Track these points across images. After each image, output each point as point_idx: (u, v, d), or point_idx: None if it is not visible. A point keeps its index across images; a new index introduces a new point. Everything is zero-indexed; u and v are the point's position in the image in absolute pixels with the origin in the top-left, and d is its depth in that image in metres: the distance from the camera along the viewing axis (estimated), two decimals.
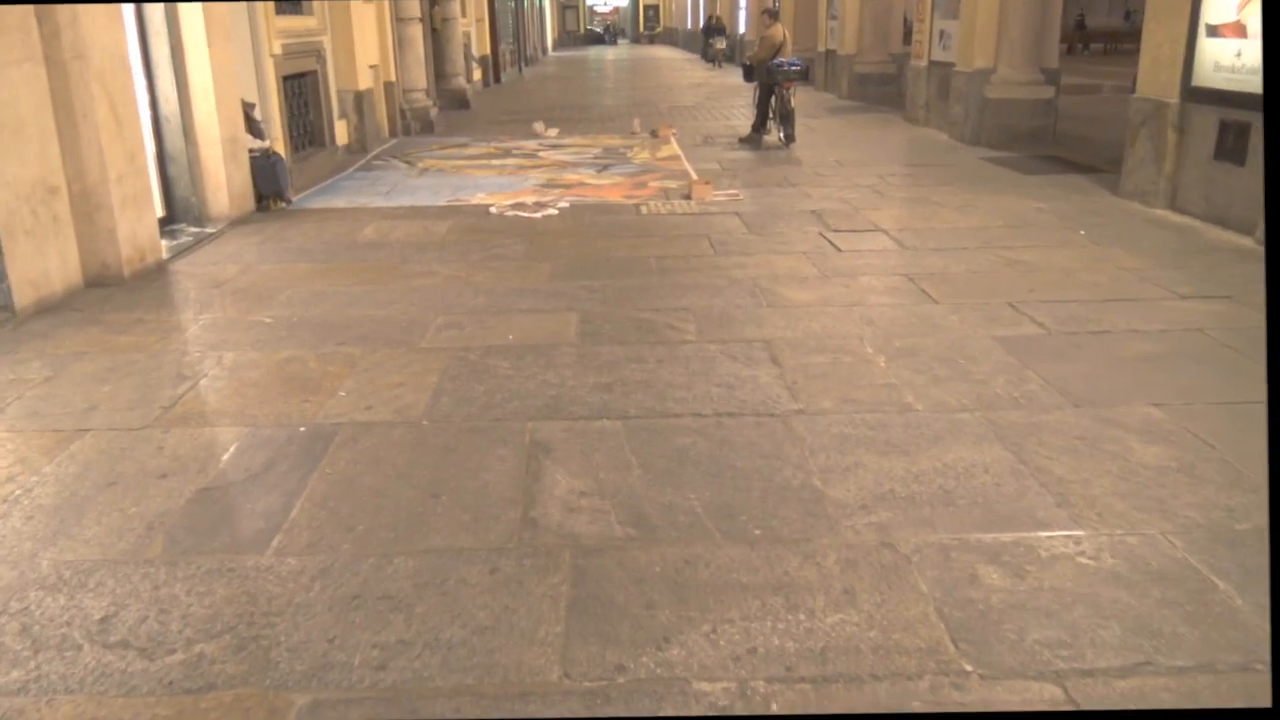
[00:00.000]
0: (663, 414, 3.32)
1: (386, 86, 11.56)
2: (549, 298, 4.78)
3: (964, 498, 2.74)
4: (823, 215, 6.60)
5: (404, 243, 6.08)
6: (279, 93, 8.09)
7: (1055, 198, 7.06)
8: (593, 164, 9.24)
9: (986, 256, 5.41)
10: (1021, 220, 6.33)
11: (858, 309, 4.49)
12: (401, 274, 5.33)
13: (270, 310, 4.65)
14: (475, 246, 5.94)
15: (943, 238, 5.88)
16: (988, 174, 8.21)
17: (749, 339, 4.09)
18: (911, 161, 8.98)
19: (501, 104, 16.34)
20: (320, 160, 9.04)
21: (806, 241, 5.88)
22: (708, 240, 5.96)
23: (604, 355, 3.91)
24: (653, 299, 4.72)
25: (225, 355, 4.02)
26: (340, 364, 3.88)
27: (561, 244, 5.96)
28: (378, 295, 4.88)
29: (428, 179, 8.59)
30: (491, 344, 4.10)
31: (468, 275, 5.27)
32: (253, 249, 5.97)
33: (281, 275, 5.34)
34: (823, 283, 4.95)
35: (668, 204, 7.15)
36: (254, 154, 7.03)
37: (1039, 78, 9.85)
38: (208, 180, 6.53)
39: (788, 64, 9.90)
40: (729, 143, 10.60)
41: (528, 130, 11.83)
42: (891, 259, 5.42)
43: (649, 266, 5.36)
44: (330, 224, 6.69)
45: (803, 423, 3.23)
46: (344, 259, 5.69)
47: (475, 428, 3.24)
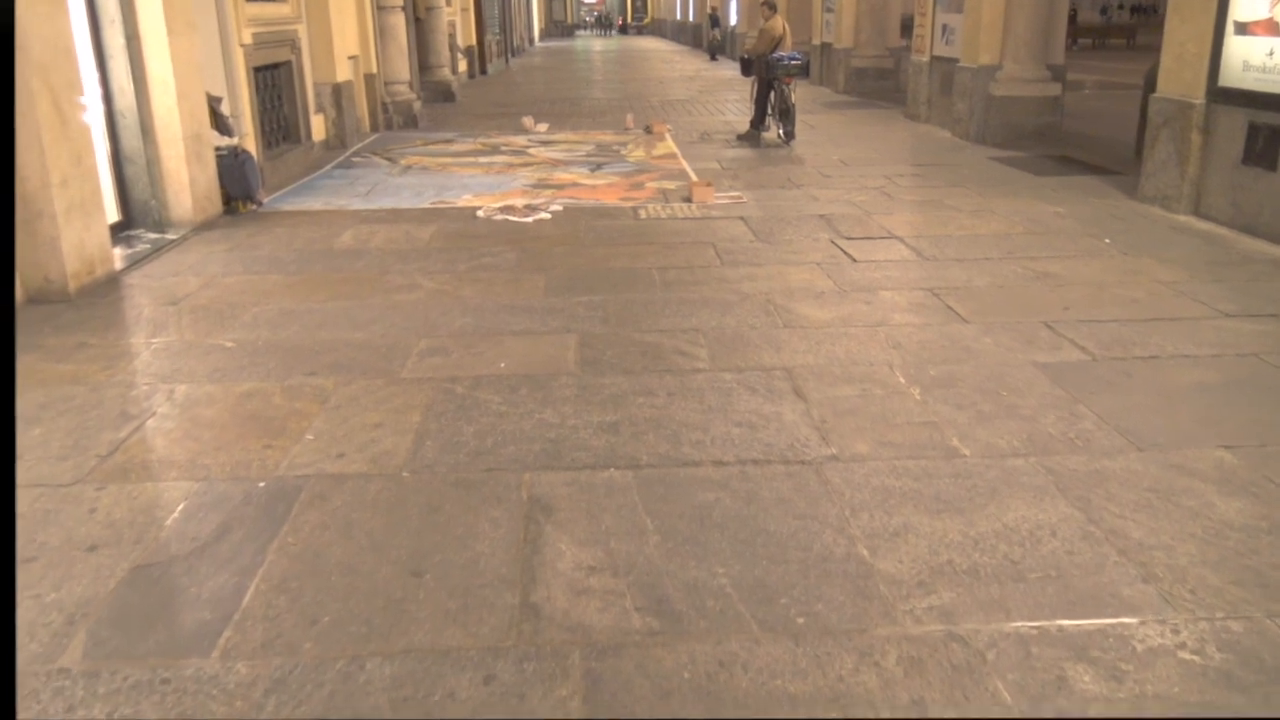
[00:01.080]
0: (678, 461, 2.91)
1: (367, 78, 11.06)
2: (544, 316, 4.35)
3: (1034, 570, 2.35)
4: (832, 220, 6.20)
5: (384, 250, 5.63)
6: (250, 85, 7.60)
7: (1072, 201, 6.69)
8: (585, 162, 8.80)
9: (1011, 268, 5.03)
10: (1041, 226, 5.96)
11: (882, 330, 4.09)
12: (381, 287, 4.88)
13: (233, 332, 4.20)
14: (462, 255, 5.50)
15: (962, 246, 5.49)
16: (998, 175, 7.83)
17: (767, 366, 3.68)
18: (917, 161, 8.59)
19: (488, 97, 15.84)
20: (295, 157, 8.55)
21: (818, 250, 5.47)
22: (713, 249, 5.55)
23: (608, 387, 3.50)
24: (658, 318, 4.31)
25: (178, 388, 3.57)
26: (309, 399, 3.45)
27: (555, 252, 5.53)
28: (354, 313, 4.44)
29: (410, 178, 8.12)
30: (481, 373, 3.67)
31: (454, 289, 4.83)
32: (218, 258, 5.50)
33: (248, 289, 4.89)
34: (841, 298, 4.55)
35: (667, 207, 6.73)
36: (221, 152, 6.55)
37: (1045, 74, 9.49)
38: (169, 182, 6.05)
39: (788, 58, 9.48)
40: (726, 140, 10.18)
41: (516, 125, 11.36)
42: (911, 271, 5.03)
43: (651, 279, 4.94)
44: (304, 229, 6.23)
45: (838, 472, 2.83)
46: (318, 270, 5.24)
47: (464, 480, 2.82)
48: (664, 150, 9.53)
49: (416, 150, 9.68)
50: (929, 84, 11.03)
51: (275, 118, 8.55)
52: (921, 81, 11.18)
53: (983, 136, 9.52)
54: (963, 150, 9.16)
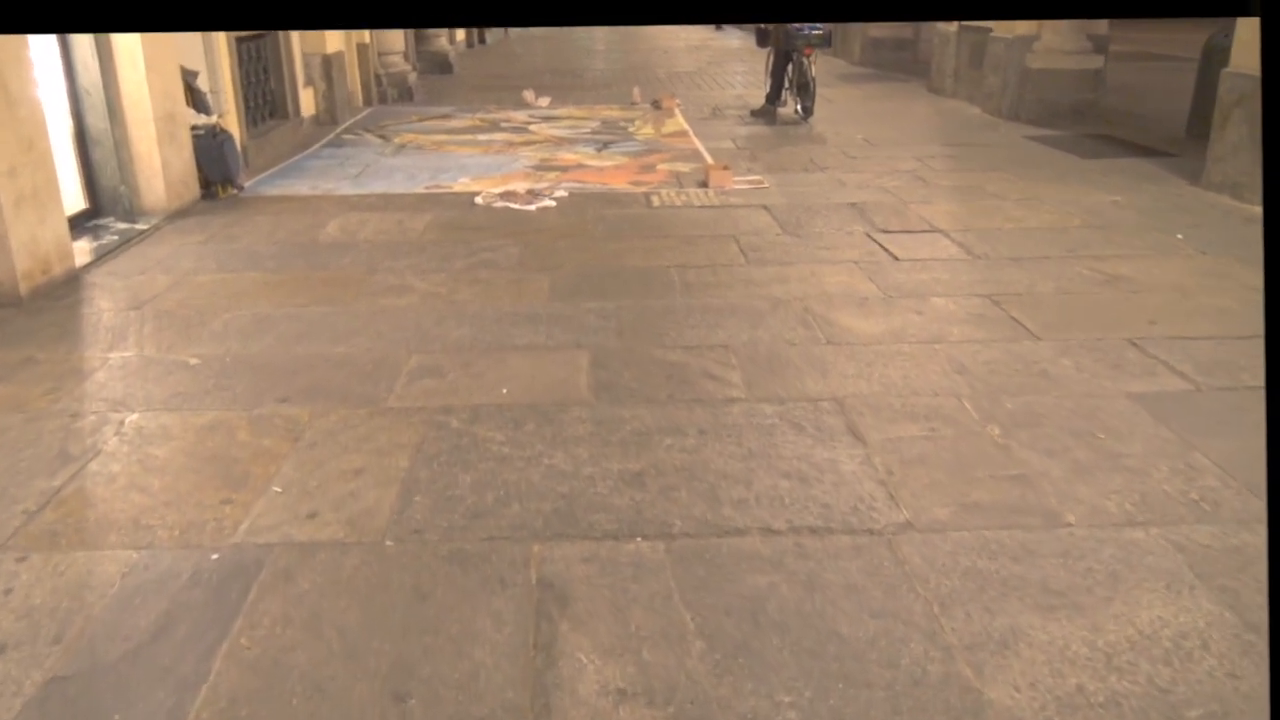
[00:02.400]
0: (719, 529, 2.41)
1: (360, 49, 10.43)
2: (551, 326, 3.83)
3: (1195, 706, 1.84)
4: (865, 210, 5.65)
5: (373, 243, 5.10)
6: (231, 58, 7.02)
7: (1127, 188, 6.13)
8: (591, 140, 8.22)
9: (1076, 269, 4.49)
10: (1100, 218, 5.41)
11: (941, 348, 3.57)
12: (368, 289, 4.36)
13: (199, 344, 3.69)
14: (459, 249, 4.96)
15: (1015, 242, 4.96)
16: (1039, 157, 7.26)
17: (813, 396, 3.17)
18: (949, 140, 8.01)
19: (487, 67, 15.16)
20: (282, 135, 7.98)
21: (854, 246, 4.94)
22: (735, 243, 5.01)
23: (628, 422, 2.99)
24: (681, 329, 3.79)
25: (130, 419, 3.07)
26: (279, 435, 2.94)
27: (561, 247, 5.00)
28: (337, 321, 3.92)
29: (404, 158, 7.56)
30: (480, 401, 3.16)
31: (449, 292, 4.30)
32: (190, 252, 4.97)
33: (221, 290, 4.36)
34: (887, 307, 4.03)
35: (682, 193, 6.18)
36: (198, 132, 5.99)
37: (1087, 45, 8.87)
38: (139, 166, 5.50)
39: (808, 27, 8.86)
40: (740, 116, 9.57)
41: (517, 99, 10.74)
42: (962, 272, 4.50)
43: (670, 280, 4.41)
44: (288, 217, 5.69)
45: (916, 547, 2.33)
46: (300, 267, 4.71)
47: (459, 553, 2.33)
48: (674, 127, 8.94)
49: (411, 126, 9.09)
50: (956, 56, 10.40)
51: (260, 92, 7.96)
52: (948, 53, 10.54)
53: (1016, 113, 8.92)
54: (996, 128, 8.56)
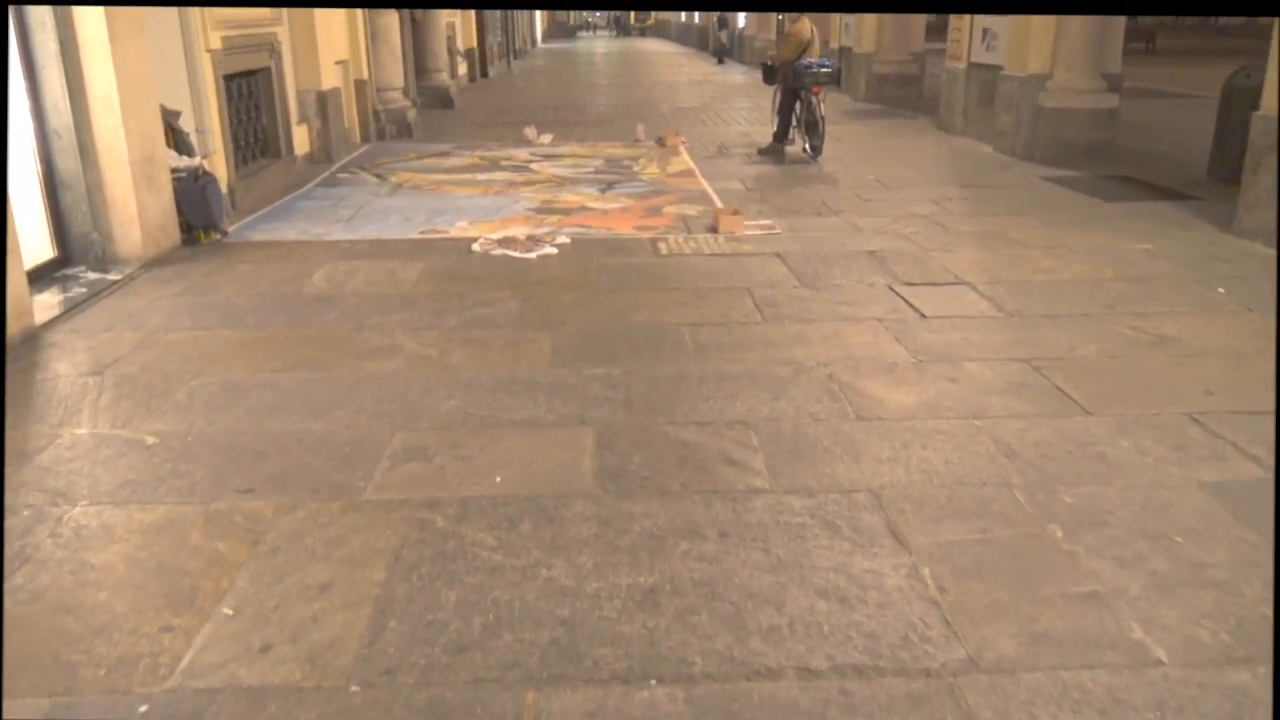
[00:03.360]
0: (747, 668, 2.04)
1: (357, 85, 10.19)
2: (552, 397, 3.48)
3: None
4: (885, 259, 5.32)
5: (361, 296, 4.76)
6: (219, 96, 6.73)
7: (1156, 235, 5.81)
8: (594, 180, 7.92)
9: (1117, 329, 4.16)
10: (1134, 269, 5.08)
11: (983, 425, 3.22)
12: (353, 350, 4.01)
13: (160, 418, 3.33)
14: (453, 304, 4.63)
15: (1048, 296, 4.62)
16: (1058, 199, 6.96)
17: (847, 486, 2.81)
18: (964, 181, 7.72)
19: (489, 102, 14.96)
20: (273, 174, 7.68)
21: (876, 300, 4.60)
22: (750, 297, 4.68)
23: (638, 521, 2.63)
24: (694, 401, 3.43)
25: (72, 514, 2.71)
26: (237, 537, 2.58)
27: (564, 301, 4.66)
28: (315, 391, 3.57)
29: (400, 198, 7.25)
30: (470, 493, 2.80)
31: (441, 354, 3.96)
32: (164, 306, 4.63)
33: (192, 350, 4.01)
34: (919, 373, 3.68)
35: (690, 239, 5.86)
36: (179, 175, 5.68)
37: (1101, 84, 8.60)
38: (114, 212, 5.17)
39: (816, 65, 8.60)
40: (747, 154, 9.30)
41: (518, 136, 10.48)
42: (995, 331, 4.16)
43: (681, 341, 4.07)
44: (272, 265, 5.36)
45: (983, 694, 1.96)
46: (280, 324, 4.37)
47: (438, 703, 1.95)
48: (679, 166, 8.65)
49: (408, 165, 8.80)
50: (965, 93, 10.15)
51: (251, 130, 7.67)
52: (957, 90, 10.30)
53: (1030, 152, 8.64)
54: (1010, 168, 8.27)
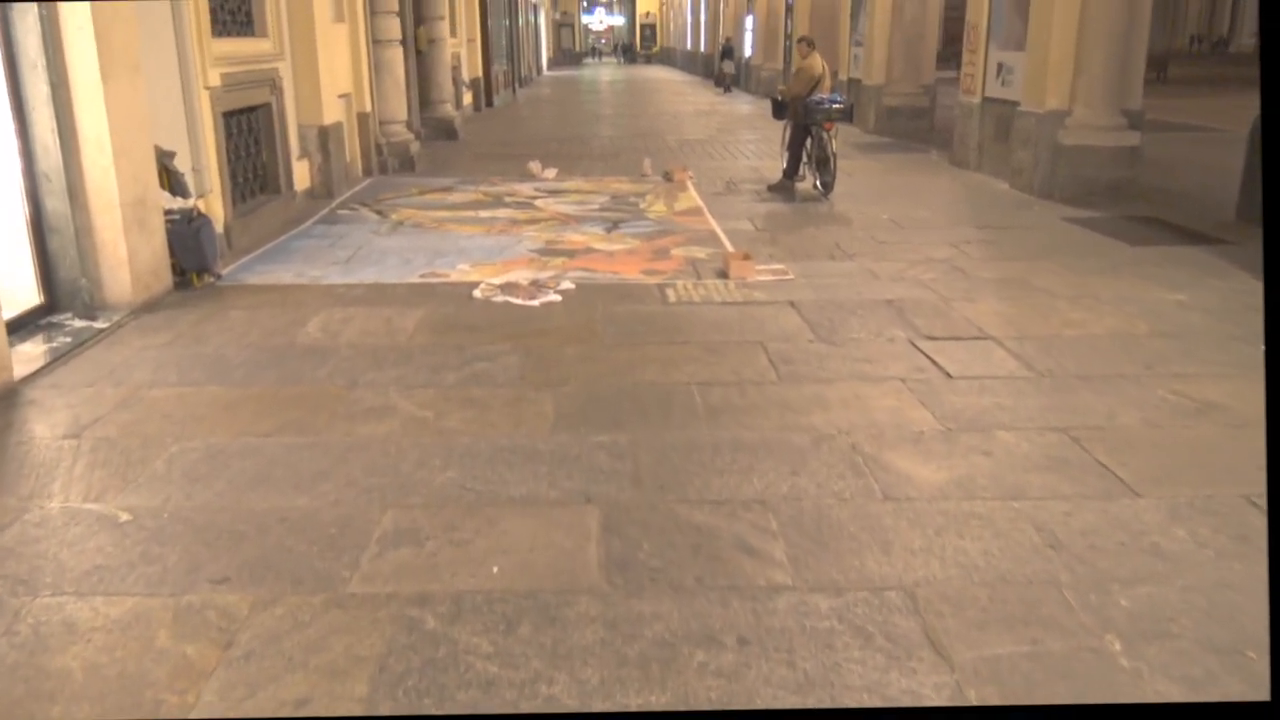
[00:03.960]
0: None
1: (360, 118, 10.05)
2: (554, 468, 3.24)
3: None
4: (903, 309, 5.09)
5: (357, 348, 4.54)
6: (217, 134, 6.56)
7: (1189, 284, 5.57)
8: (600, 219, 7.73)
9: (1157, 393, 3.91)
10: (1167, 323, 4.84)
11: (1022, 508, 2.97)
12: (344, 410, 3.78)
13: (136, 490, 3.10)
14: (451, 357, 4.40)
15: (1080, 354, 4.38)
16: (1082, 242, 6.74)
17: (878, 583, 2.56)
18: (982, 222, 7.50)
19: (493, 133, 14.85)
20: (272, 211, 7.50)
21: (897, 357, 4.37)
22: (764, 352, 4.45)
23: (648, 624, 2.38)
24: (707, 475, 3.19)
25: (31, 607, 2.46)
26: (208, 638, 2.33)
27: (567, 355, 4.43)
28: (303, 459, 3.33)
29: (400, 238, 7.06)
30: (465, 586, 2.56)
31: (437, 416, 3.73)
32: (150, 358, 4.41)
33: (176, 409, 3.79)
34: (948, 444, 3.44)
35: (700, 285, 5.64)
36: (172, 217, 5.49)
37: (1121, 121, 8.42)
38: (103, 256, 4.98)
39: (828, 101, 8.44)
40: (756, 190, 9.11)
41: (522, 169, 10.32)
42: (1028, 395, 3.91)
43: (691, 403, 3.84)
44: (266, 312, 5.14)
45: None
46: (270, 380, 4.14)
47: None
48: (687, 203, 8.46)
49: (410, 201, 8.63)
50: (980, 128, 9.97)
51: (250, 167, 7.51)
52: (971, 125, 10.12)
53: (1049, 191, 8.43)
54: (1029, 208, 8.07)
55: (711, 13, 32.01)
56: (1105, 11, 8.06)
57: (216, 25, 6.83)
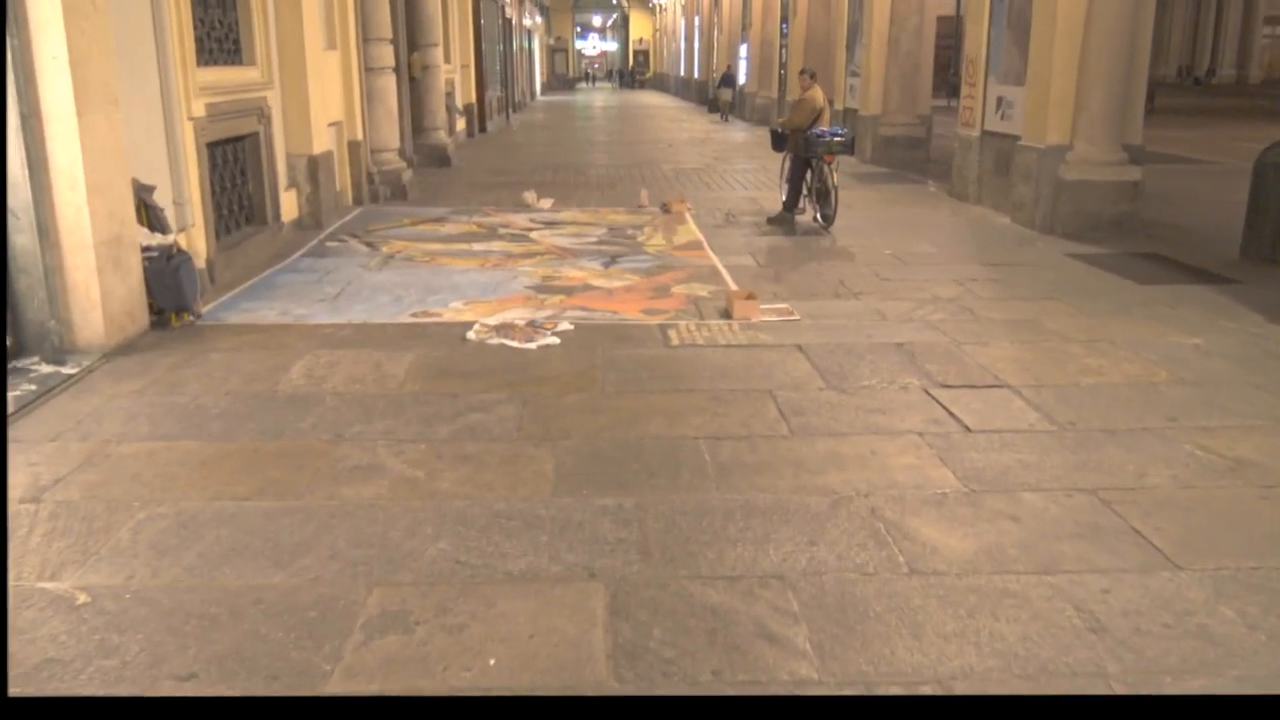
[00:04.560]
0: None
1: (351, 147, 9.88)
2: (555, 538, 3.01)
3: None
4: (915, 354, 4.90)
5: (343, 397, 4.31)
6: (200, 166, 6.34)
7: (1203, 327, 5.40)
8: (597, 253, 7.54)
9: (1185, 449, 3.71)
10: (1187, 370, 4.66)
11: (1058, 583, 2.75)
12: (328, 469, 3.54)
13: (97, 566, 2.85)
14: (444, 407, 4.18)
15: (1101, 405, 4.19)
16: (1089, 281, 6.58)
17: (910, 676, 2.34)
18: (987, 259, 7.34)
19: (487, 160, 14.70)
20: (258, 244, 7.28)
21: (913, 408, 4.16)
22: (773, 401, 4.24)
23: None
24: (720, 545, 2.97)
25: None
26: None
27: (567, 406, 4.21)
28: (282, 528, 3.09)
29: (391, 272, 6.84)
30: (458, 682, 2.32)
31: (428, 476, 3.49)
32: (121, 407, 4.16)
33: (146, 468, 3.54)
34: (974, 508, 3.23)
35: (703, 327, 5.44)
36: (150, 254, 5.26)
37: (1123, 156, 8.32)
38: (74, 297, 4.74)
39: (829, 134, 8.30)
40: (756, 223, 8.95)
41: (516, 199, 10.15)
42: (1051, 451, 3.71)
43: (700, 460, 3.61)
44: (247, 355, 4.91)
45: None
46: (249, 433, 3.90)
47: None
48: (686, 236, 8.29)
49: (402, 232, 8.42)
50: (979, 162, 9.86)
51: (236, 198, 7.29)
52: (970, 159, 10.02)
53: (1051, 226, 8.31)
54: (1032, 244, 7.92)
55: (705, 40, 32.14)
56: (1106, 47, 7.97)
57: (203, 54, 6.65)
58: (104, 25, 4.80)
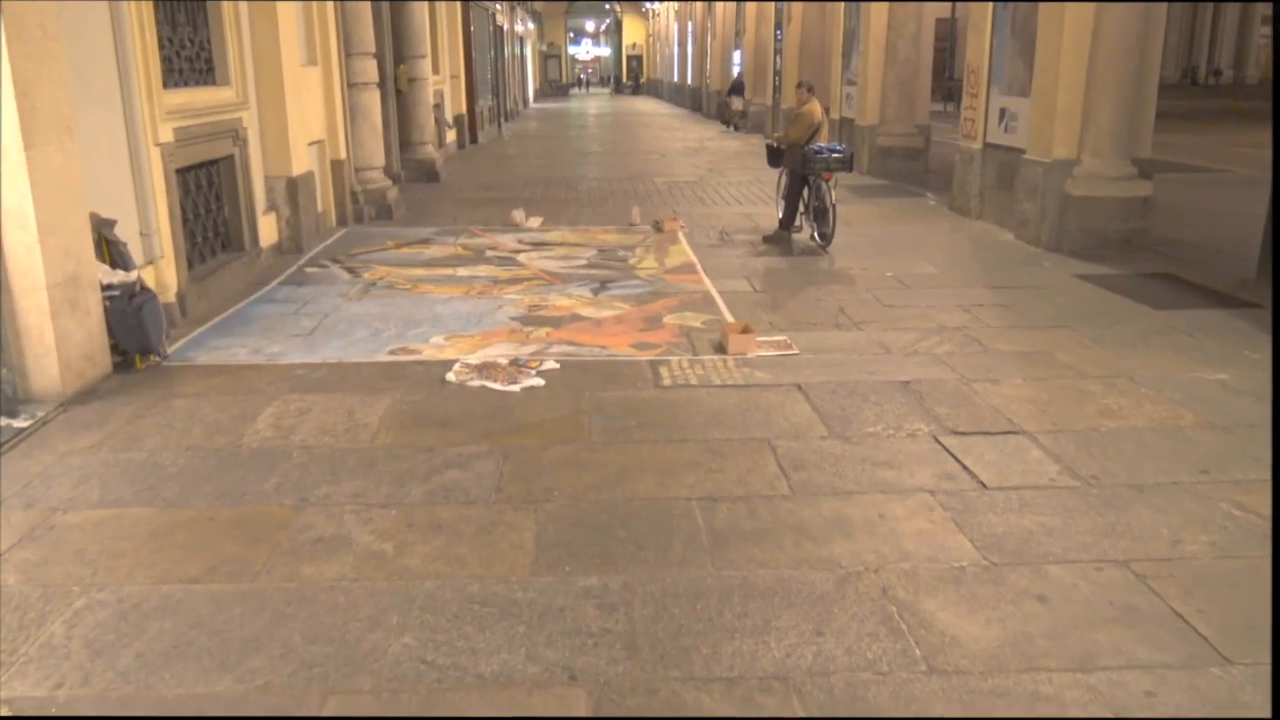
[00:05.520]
0: None
1: (334, 166, 9.58)
2: (533, 630, 2.72)
3: None
4: (922, 395, 4.62)
5: (311, 451, 4.01)
6: (170, 194, 6.04)
7: (1226, 358, 5.12)
8: (586, 277, 7.25)
9: (1221, 507, 3.43)
10: (1215, 411, 4.37)
11: (1097, 683, 2.46)
12: (289, 543, 3.25)
13: (24, 670, 2.55)
14: (419, 464, 3.88)
15: (1124, 454, 3.90)
16: (1101, 306, 6.29)
17: None
18: (992, 281, 7.06)
19: (477, 174, 14.40)
20: (233, 272, 6.98)
21: (922, 459, 3.87)
22: (772, 454, 3.95)
23: None
24: (716, 637, 2.68)
25: None
26: None
27: (550, 460, 3.91)
28: (232, 620, 2.79)
29: (371, 303, 6.54)
30: None
31: (397, 550, 3.20)
32: (72, 468, 3.87)
33: (91, 544, 3.24)
34: (995, 586, 2.94)
35: (696, 362, 5.15)
36: (112, 293, 4.96)
37: (1132, 171, 8.05)
38: (27, 343, 4.45)
39: (828, 150, 8.02)
40: (751, 241, 8.67)
41: (505, 216, 9.86)
42: (1075, 512, 3.42)
43: (693, 528, 3.32)
44: (212, 402, 4.61)
45: None
46: (207, 497, 3.60)
47: None
48: (679, 258, 8.00)
49: (385, 256, 8.13)
50: (981, 175, 9.59)
51: (210, 225, 7.00)
52: (972, 172, 9.74)
53: (1057, 243, 8.03)
54: (1038, 263, 7.65)
55: (699, 46, 31.89)
56: (1115, 57, 7.70)
57: (171, 75, 6.36)
58: (54, 51, 4.51)
